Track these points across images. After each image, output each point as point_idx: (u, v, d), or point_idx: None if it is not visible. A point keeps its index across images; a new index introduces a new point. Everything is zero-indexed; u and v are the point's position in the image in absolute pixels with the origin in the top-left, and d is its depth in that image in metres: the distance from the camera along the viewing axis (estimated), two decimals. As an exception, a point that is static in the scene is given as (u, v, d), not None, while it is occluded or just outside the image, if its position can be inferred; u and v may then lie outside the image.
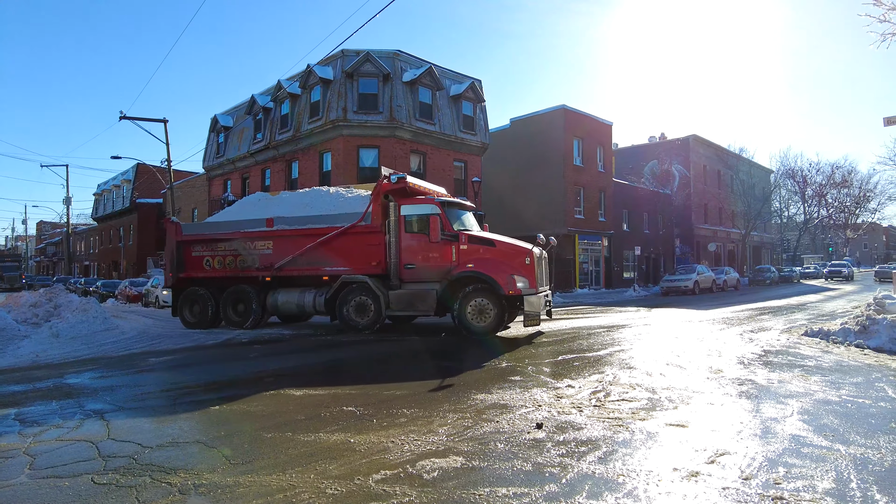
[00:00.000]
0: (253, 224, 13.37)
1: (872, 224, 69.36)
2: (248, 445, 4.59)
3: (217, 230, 13.89)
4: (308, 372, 8.12)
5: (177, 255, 14.02)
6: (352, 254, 12.43)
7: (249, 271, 13.37)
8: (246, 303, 13.49)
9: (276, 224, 13.11)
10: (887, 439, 4.57)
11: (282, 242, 13.02)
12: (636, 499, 3.43)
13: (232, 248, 13.57)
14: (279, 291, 13.28)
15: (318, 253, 12.69)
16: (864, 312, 11.25)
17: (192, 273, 13.95)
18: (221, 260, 13.71)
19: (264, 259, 13.19)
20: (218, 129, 32.98)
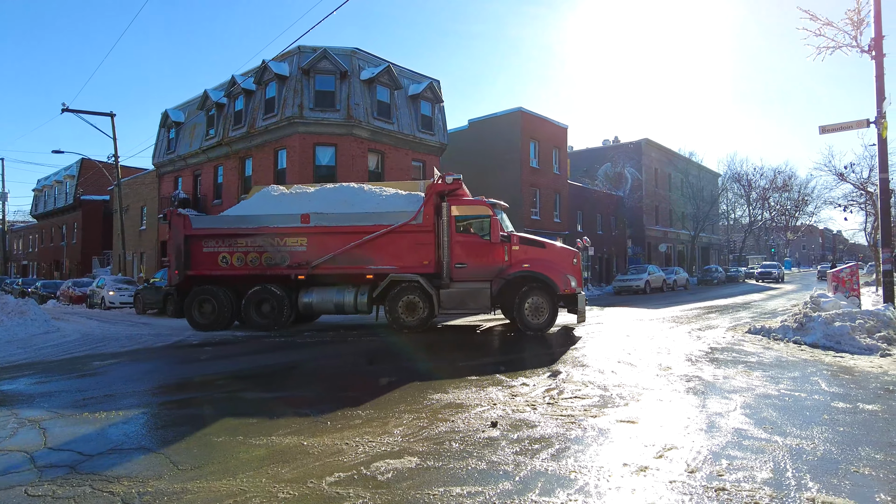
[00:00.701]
0: (282, 219, 12.61)
1: (810, 226, 72.95)
2: (198, 450, 4.45)
3: (234, 225, 12.83)
4: (262, 374, 7.94)
5: (185, 250, 12.85)
6: (400, 252, 12.28)
7: (278, 269, 12.62)
8: (273, 303, 12.79)
9: (312, 220, 12.51)
10: (820, 430, 4.82)
11: (319, 239, 12.50)
12: (587, 494, 3.50)
13: (256, 244, 12.66)
14: (312, 291, 12.72)
15: (362, 251, 12.37)
16: (801, 311, 11.82)
17: (204, 271, 12.89)
18: (242, 257, 12.74)
19: (297, 256, 12.56)
20: (169, 124, 31.90)
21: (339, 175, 23.91)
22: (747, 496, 3.43)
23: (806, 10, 14.10)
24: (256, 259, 12.69)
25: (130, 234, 34.82)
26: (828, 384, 6.74)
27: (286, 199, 13.31)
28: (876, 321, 10.73)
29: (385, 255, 12.32)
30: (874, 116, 13.46)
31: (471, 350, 9.99)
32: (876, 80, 13.44)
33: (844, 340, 9.47)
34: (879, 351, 8.95)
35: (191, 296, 13.12)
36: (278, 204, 13.19)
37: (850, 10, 13.59)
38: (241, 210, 13.56)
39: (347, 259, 12.41)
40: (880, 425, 5.05)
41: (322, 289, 12.70)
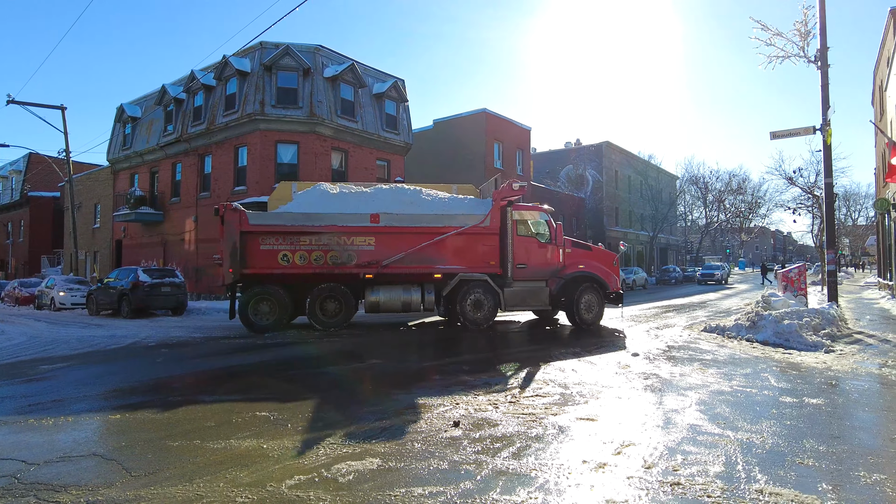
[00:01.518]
0: (351, 218, 12.53)
1: (763, 228, 75.75)
2: (152, 455, 4.32)
3: (299, 222, 12.41)
4: (220, 376, 7.77)
5: (240, 248, 12.27)
6: (468, 253, 12.88)
7: (346, 268, 12.54)
8: (339, 301, 12.73)
9: (381, 220, 12.56)
10: (769, 424, 5.01)
11: (388, 239, 12.60)
12: (547, 492, 3.55)
13: (321, 242, 12.44)
14: (379, 289, 12.71)
15: (431, 250, 12.67)
16: (753, 309, 12.27)
17: (261, 269, 12.41)
18: (305, 255, 12.46)
19: (364, 255, 12.56)
20: (124, 119, 30.84)
21: (300, 173, 23.58)
22: (700, 490, 3.54)
23: (758, 20, 14.64)
24: (321, 257, 12.49)
25: (83, 233, 33.53)
26: (777, 380, 7.01)
27: (349, 198, 13.23)
28: (821, 319, 11.23)
29: (453, 255, 12.84)
30: (820, 124, 14.08)
31: (434, 350, 10.01)
32: (821, 90, 14.06)
33: (793, 338, 9.87)
34: (824, 347, 9.37)
35: (247, 296, 12.56)
36: (341, 202, 13.05)
37: (797, 22, 14.19)
38: (296, 208, 13.01)
39: (416, 258, 12.65)
40: (823, 418, 5.29)
41: (388, 287, 12.76)
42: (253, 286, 12.53)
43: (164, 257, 27.98)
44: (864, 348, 9.55)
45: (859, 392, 6.49)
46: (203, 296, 24.94)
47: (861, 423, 5.32)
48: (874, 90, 27.91)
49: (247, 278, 12.49)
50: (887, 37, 21.58)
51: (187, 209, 26.68)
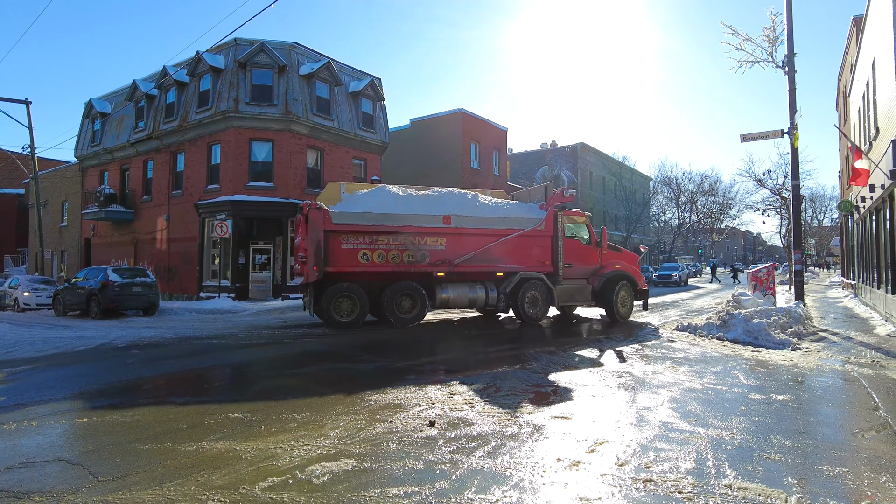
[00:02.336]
0: (425, 219, 13.12)
1: (733, 229, 77.38)
2: (121, 459, 4.23)
3: (379, 222, 12.79)
4: (192, 377, 7.63)
5: (324, 246, 12.40)
6: (525, 253, 13.89)
7: (420, 266, 13.04)
8: (414, 298, 13.15)
9: (452, 222, 13.24)
10: (738, 420, 5.13)
11: (457, 239, 13.28)
12: (522, 490, 3.57)
13: (398, 241, 12.90)
14: (448, 287, 13.34)
15: (495, 251, 13.53)
16: (724, 308, 12.53)
17: (342, 267, 12.60)
18: (383, 254, 12.84)
19: (437, 255, 13.16)
20: (93, 115, 30.09)
21: (275, 172, 23.33)
22: (672, 486, 3.60)
23: (729, 25, 14.96)
24: (398, 256, 12.96)
25: (50, 231, 32.63)
26: (746, 377, 7.18)
27: (418, 200, 13.71)
28: (788, 317, 11.53)
29: (513, 255, 13.75)
30: (787, 127, 14.44)
31: (408, 350, 9.98)
32: (789, 94, 14.43)
33: (761, 336, 10.12)
34: (791, 345, 9.62)
35: (329, 293, 12.63)
36: (414, 204, 13.52)
37: (766, 28, 14.55)
38: (375, 207, 13.16)
39: (482, 258, 13.46)
40: (790, 414, 5.43)
41: (456, 285, 13.46)
42: (334, 283, 12.68)
43: (135, 256, 27.40)
44: (828, 346, 9.84)
45: (823, 388, 6.68)
46: (175, 296, 24.50)
47: (825, 418, 5.48)
48: (838, 95, 28.75)
49: (326, 276, 12.63)
50: (850, 44, 22.26)
51: (159, 207, 26.17)
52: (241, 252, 22.68)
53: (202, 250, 23.72)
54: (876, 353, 9.01)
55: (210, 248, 23.75)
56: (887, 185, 12.07)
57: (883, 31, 12.13)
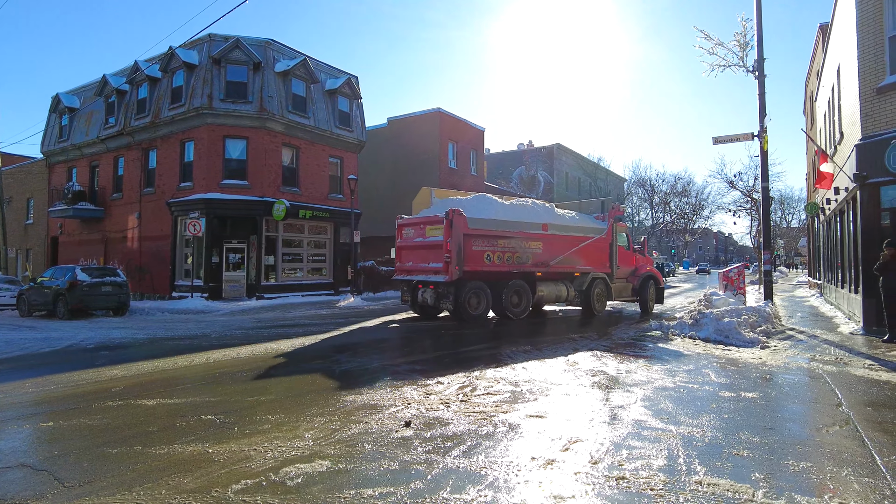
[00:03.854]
0: (530, 226, 14.92)
1: (706, 229, 78.92)
2: (88, 464, 4.13)
3: (500, 227, 14.38)
4: (163, 378, 7.48)
5: (462, 248, 13.65)
6: (593, 257, 16.21)
7: (525, 267, 14.74)
8: (521, 295, 14.78)
9: (549, 229, 15.30)
10: (709, 418, 5.24)
11: (550, 244, 15.25)
12: (497, 489, 3.59)
13: (510, 245, 14.46)
14: (543, 284, 15.29)
15: (576, 254, 15.75)
16: (696, 308, 12.77)
17: (473, 267, 13.90)
18: (501, 256, 14.31)
19: (536, 257, 14.93)
20: (61, 109, 29.31)
21: (250, 169, 23.04)
22: (644, 483, 3.66)
23: (701, 29, 15.26)
24: (511, 258, 14.53)
25: (14, 229, 31.69)
26: (717, 375, 7.33)
27: (521, 210, 15.49)
28: (758, 316, 11.79)
29: (585, 258, 15.98)
30: (758, 130, 14.77)
31: (385, 351, 9.95)
32: (759, 98, 14.76)
33: (732, 334, 10.34)
34: (760, 343, 9.85)
35: (466, 290, 13.99)
36: (517, 212, 15.21)
37: (737, 34, 14.89)
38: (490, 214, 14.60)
39: (566, 260, 15.56)
40: (758, 411, 5.56)
41: (548, 283, 15.45)
42: (467, 281, 13.96)
43: (104, 255, 26.79)
44: (795, 344, 10.11)
45: (790, 385, 6.86)
46: (147, 296, 24.02)
47: (791, 414, 5.62)
48: (805, 100, 29.52)
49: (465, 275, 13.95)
50: (817, 51, 22.88)
51: (130, 205, 25.62)
52: (214, 251, 22.33)
53: (175, 249, 23.30)
54: (839, 350, 9.29)
55: (183, 246, 23.35)
56: (851, 188, 12.44)
57: (847, 38, 12.50)
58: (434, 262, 13.90)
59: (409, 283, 15.18)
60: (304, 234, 25.58)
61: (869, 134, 11.19)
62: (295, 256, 25.25)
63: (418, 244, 14.59)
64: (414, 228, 14.85)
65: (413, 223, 15.02)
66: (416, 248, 14.68)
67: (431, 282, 14.08)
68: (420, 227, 14.63)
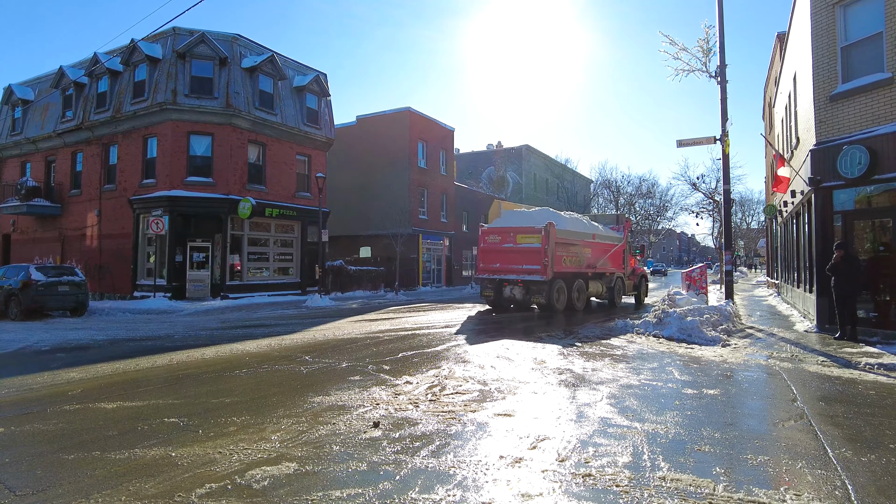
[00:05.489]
0: (585, 236, 18.05)
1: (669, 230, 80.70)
2: (42, 471, 3.98)
3: (573, 237, 17.33)
4: (123, 381, 7.26)
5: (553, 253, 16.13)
6: (617, 260, 19.73)
7: (582, 268, 17.64)
8: (580, 291, 17.76)
9: (596, 237, 18.69)
10: (672, 415, 5.36)
11: (595, 250, 18.44)
12: (465, 488, 3.61)
13: (576, 251, 17.36)
14: (591, 282, 18.38)
15: (607, 259, 19.08)
16: (660, 307, 13.05)
17: (558, 269, 16.32)
18: (571, 259, 17.02)
19: (587, 260, 17.93)
20: (13, 101, 28.17)
21: (215, 166, 22.56)
22: (609, 480, 3.73)
23: (666, 34, 15.60)
24: (575, 261, 17.25)
25: (-37, 226, 30.24)
26: (680, 373, 7.51)
27: (578, 221, 18.95)
28: (719, 315, 12.12)
29: (612, 261, 19.42)
30: (720, 134, 15.18)
31: (351, 351, 9.87)
32: (721, 103, 15.17)
33: (694, 333, 10.60)
34: (721, 342, 10.13)
35: (555, 288, 16.50)
36: (577, 223, 18.45)
37: (700, 40, 15.25)
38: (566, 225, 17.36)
39: (603, 263, 18.87)
40: (719, 408, 5.73)
41: (593, 281, 18.59)
42: (553, 280, 16.28)
43: (61, 254, 25.87)
44: (754, 342, 10.43)
45: (749, 382, 7.09)
46: (107, 295, 23.30)
47: (750, 410, 5.81)
48: (764, 106, 30.50)
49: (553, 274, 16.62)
50: (775, 58, 23.65)
51: (90, 202, 24.80)
52: (178, 250, 21.79)
53: (136, 248, 22.66)
54: (795, 347, 9.63)
55: (145, 245, 22.73)
56: (806, 191, 12.90)
57: (803, 47, 12.96)
58: (527, 264, 16.24)
59: (493, 281, 17.25)
60: (271, 233, 25.19)
61: (823, 140, 11.63)
62: (261, 256, 24.83)
63: (508, 249, 16.84)
64: (500, 235, 17.16)
65: (499, 231, 17.34)
66: (504, 252, 16.90)
67: (520, 280, 16.45)
68: (509, 235, 16.94)
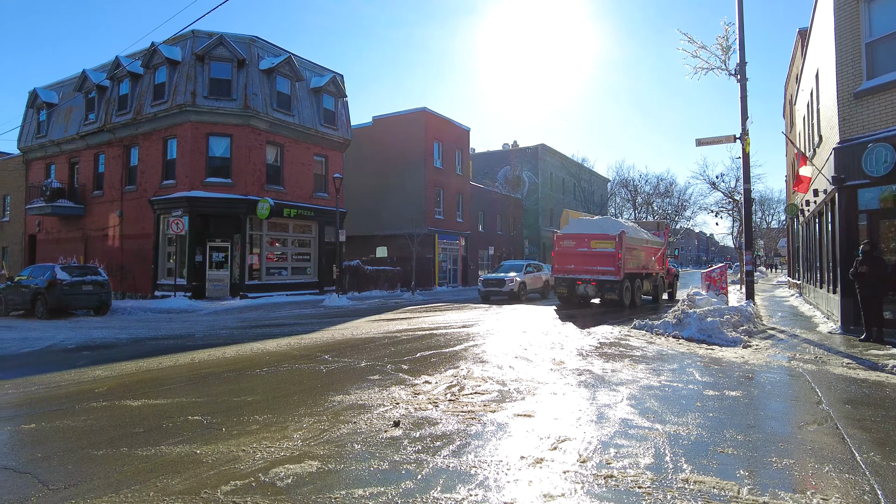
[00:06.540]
0: (642, 241, 20.20)
1: (688, 230, 79.88)
2: (73, 466, 4.08)
3: (636, 242, 19.43)
4: (148, 378, 7.39)
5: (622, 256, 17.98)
6: (659, 262, 21.91)
7: (638, 269, 19.57)
8: (638, 288, 19.70)
9: (648, 242, 20.85)
10: (694, 416, 5.32)
11: (647, 252, 20.51)
12: (487, 488, 3.62)
13: (636, 254, 19.29)
14: (643, 280, 20.38)
15: (654, 261, 21.23)
16: (680, 307, 12.91)
17: (627, 270, 18.39)
18: (632, 261, 18.88)
19: (641, 262, 19.86)
20: (39, 104, 28.76)
21: (234, 167, 22.83)
22: (632, 481, 3.71)
23: (685, 33, 15.44)
24: (634, 263, 19.16)
25: (-11, 227, 30.99)
26: (700, 374, 7.44)
27: (634, 228, 20.85)
28: (740, 316, 11.97)
29: (657, 263, 21.63)
30: (739, 133, 14.99)
31: (369, 351, 9.93)
32: (740, 102, 14.98)
33: (714, 334, 10.49)
34: (742, 343, 10.01)
35: (624, 286, 18.40)
36: (635, 230, 20.29)
37: (720, 37, 15.07)
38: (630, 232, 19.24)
39: (651, 264, 20.90)
40: (742, 409, 5.66)
41: (645, 280, 20.50)
42: (624, 280, 18.21)
43: (85, 254, 26.35)
44: (776, 343, 10.28)
45: (772, 384, 6.99)
46: (128, 295, 23.69)
47: (773, 412, 5.73)
48: (785, 103, 30.02)
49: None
50: (796, 55, 23.28)
51: (111, 203, 25.24)
52: (197, 250, 22.09)
53: (157, 248, 23.00)
54: (819, 349, 9.47)
55: (165, 245, 23.06)
56: (829, 190, 12.69)
57: (826, 43, 12.74)
58: (600, 265, 18.15)
59: (567, 280, 18.97)
60: (289, 233, 25.42)
61: (847, 138, 11.43)
62: (279, 255, 25.07)
63: (583, 252, 18.59)
64: (574, 241, 18.92)
65: (573, 237, 19.11)
66: (579, 255, 18.68)
67: (593, 279, 18.37)
68: (584, 240, 18.73)
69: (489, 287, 23.21)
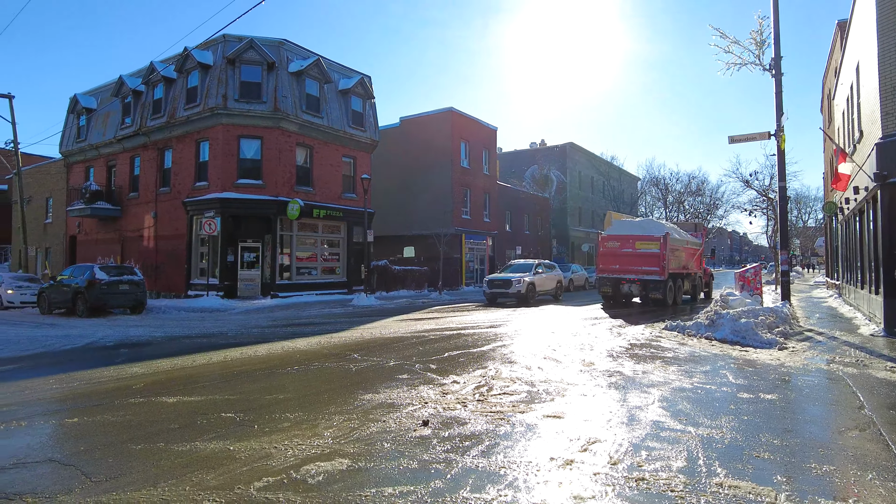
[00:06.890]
0: (682, 242, 20.70)
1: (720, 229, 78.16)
2: (113, 460, 4.20)
3: (678, 244, 19.99)
4: (183, 376, 7.57)
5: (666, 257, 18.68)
6: (697, 262, 22.51)
7: (679, 269, 20.12)
8: (679, 288, 20.35)
9: (686, 243, 21.20)
10: (727, 419, 5.20)
11: (687, 253, 21.18)
12: (516, 489, 3.60)
13: (678, 255, 19.93)
14: (683, 280, 20.79)
15: (693, 261, 21.84)
16: (712, 308, 12.65)
17: (670, 270, 18.95)
18: (674, 261, 19.44)
19: (682, 262, 20.52)
20: (78, 110, 29.72)
21: (264, 169, 23.21)
22: (664, 484, 3.65)
23: (717, 28, 15.09)
24: (676, 263, 19.65)
25: (34, 228, 32.19)
26: (734, 376, 7.27)
27: (675, 230, 21.24)
28: (775, 317, 11.67)
29: (696, 263, 22.27)
30: (774, 129, 14.60)
31: (398, 350, 9.98)
32: (775, 97, 14.58)
33: (749, 335, 10.24)
34: (777, 344, 9.75)
35: (670, 284, 19.06)
36: (676, 232, 20.75)
37: (753, 31, 14.68)
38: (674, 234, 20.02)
39: (690, 265, 21.49)
40: (778, 413, 5.51)
41: (685, 279, 21.04)
42: (667, 279, 18.74)
43: (121, 254, 27.13)
44: (813, 345, 9.99)
45: (810, 387, 6.79)
46: (163, 294, 24.30)
47: (811, 416, 5.57)
48: (823, 98, 29.11)
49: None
50: (835, 48, 22.55)
51: (146, 204, 25.93)
52: (229, 250, 22.53)
53: (190, 248, 23.54)
54: (860, 352, 9.16)
55: (198, 245, 23.58)
56: (871, 187, 12.26)
57: (867, 35, 12.32)
58: (645, 266, 18.77)
59: (611, 280, 19.48)
60: (318, 234, 25.74)
61: (890, 132, 11.02)
62: (309, 255, 25.41)
63: (627, 253, 19.18)
64: (619, 242, 19.47)
65: (617, 238, 19.63)
66: (623, 256, 19.24)
67: (637, 279, 18.94)
68: (628, 241, 19.27)
69: (495, 288, 21.63)
